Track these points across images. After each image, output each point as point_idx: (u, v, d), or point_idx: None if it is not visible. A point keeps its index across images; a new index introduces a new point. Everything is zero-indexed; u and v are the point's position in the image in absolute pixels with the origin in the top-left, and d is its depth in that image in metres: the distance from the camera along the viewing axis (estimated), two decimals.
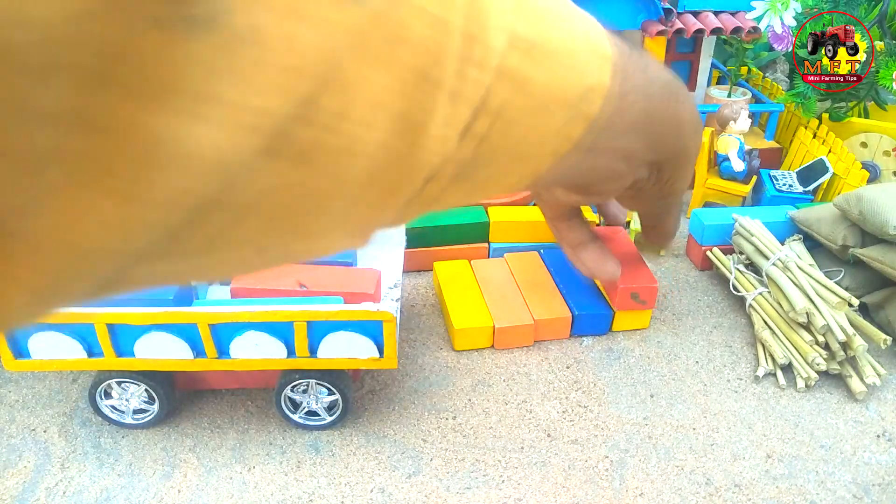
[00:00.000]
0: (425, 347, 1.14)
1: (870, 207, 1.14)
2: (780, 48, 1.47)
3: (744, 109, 1.49)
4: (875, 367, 1.06)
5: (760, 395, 1.06)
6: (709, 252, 1.33)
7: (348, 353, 0.89)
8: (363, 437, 0.98)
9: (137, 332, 0.86)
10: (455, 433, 0.99)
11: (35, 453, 0.95)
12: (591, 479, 0.92)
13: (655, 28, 1.51)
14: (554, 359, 1.13)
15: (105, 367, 0.90)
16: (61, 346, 0.86)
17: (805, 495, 0.91)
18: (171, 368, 0.90)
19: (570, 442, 0.98)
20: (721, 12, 1.55)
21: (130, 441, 0.97)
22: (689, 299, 1.28)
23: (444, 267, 1.25)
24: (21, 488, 0.90)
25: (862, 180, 1.37)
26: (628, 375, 1.10)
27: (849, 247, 1.19)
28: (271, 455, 0.95)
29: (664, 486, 0.91)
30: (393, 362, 0.90)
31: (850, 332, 1.04)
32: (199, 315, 0.85)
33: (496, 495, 0.90)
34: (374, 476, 0.92)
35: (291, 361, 0.89)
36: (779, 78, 1.98)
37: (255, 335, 0.86)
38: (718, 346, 1.17)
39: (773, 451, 0.97)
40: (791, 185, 1.46)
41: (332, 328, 0.87)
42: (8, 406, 1.03)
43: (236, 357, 0.88)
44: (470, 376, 1.09)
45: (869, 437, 1.00)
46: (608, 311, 1.15)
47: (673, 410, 1.03)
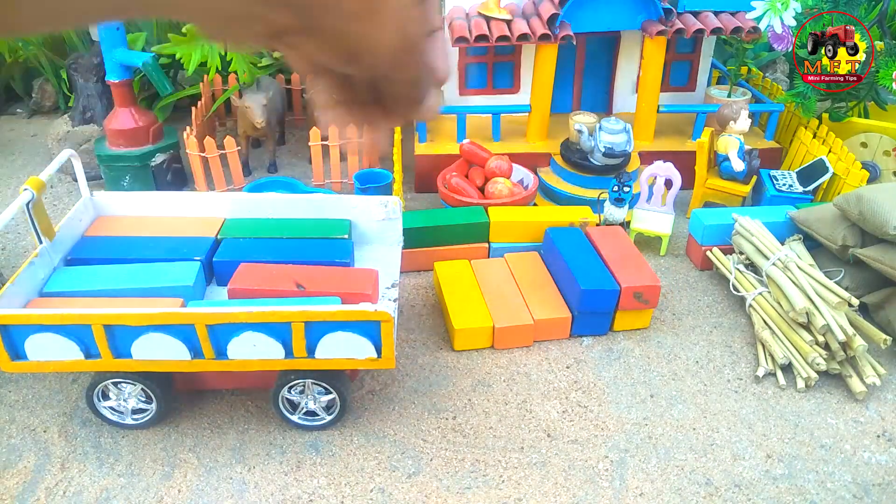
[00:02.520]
0: (425, 347, 1.14)
1: (870, 207, 1.14)
2: (780, 48, 1.47)
3: (744, 109, 1.49)
4: (875, 367, 1.06)
5: (760, 395, 1.06)
6: (709, 252, 1.33)
7: (346, 354, 0.89)
8: (363, 437, 0.98)
9: (135, 334, 0.86)
10: (455, 433, 0.99)
11: (35, 453, 0.95)
12: (591, 479, 0.92)
13: (655, 28, 1.51)
14: (554, 359, 1.13)
15: (102, 368, 0.90)
16: (58, 347, 0.86)
17: (805, 495, 0.91)
18: (169, 369, 0.90)
19: (570, 442, 0.98)
20: (721, 12, 1.55)
21: (130, 441, 0.97)
22: (689, 299, 1.28)
23: (444, 267, 1.25)
24: (21, 488, 0.90)
25: (862, 180, 1.37)
26: (628, 375, 1.10)
27: (849, 247, 1.19)
28: (271, 455, 0.95)
29: (664, 486, 0.91)
30: (391, 363, 0.89)
31: (850, 332, 1.04)
32: (197, 316, 0.85)
33: (496, 495, 0.90)
34: (374, 476, 0.92)
35: (289, 362, 0.89)
36: (779, 78, 1.98)
37: (252, 336, 0.86)
38: (718, 346, 1.17)
39: (773, 451, 0.97)
40: (791, 185, 1.46)
41: (329, 329, 0.87)
42: (8, 406, 1.03)
43: (234, 357, 0.88)
44: (470, 376, 1.09)
45: (869, 437, 1.00)
46: (612, 304, 1.15)
47: (673, 410, 1.03)
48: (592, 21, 1.53)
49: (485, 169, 1.45)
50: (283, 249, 1.02)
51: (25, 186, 0.92)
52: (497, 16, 1.53)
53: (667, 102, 1.66)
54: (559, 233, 1.26)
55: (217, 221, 1.08)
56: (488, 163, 1.45)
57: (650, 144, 1.64)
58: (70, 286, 0.94)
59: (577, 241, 1.24)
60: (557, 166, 1.54)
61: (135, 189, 1.53)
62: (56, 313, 0.84)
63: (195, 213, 1.10)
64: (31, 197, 0.92)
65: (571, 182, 1.51)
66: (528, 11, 1.56)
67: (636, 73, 1.71)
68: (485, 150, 1.47)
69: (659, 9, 1.50)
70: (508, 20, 1.53)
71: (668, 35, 1.51)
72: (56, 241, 0.99)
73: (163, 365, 0.89)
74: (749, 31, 1.51)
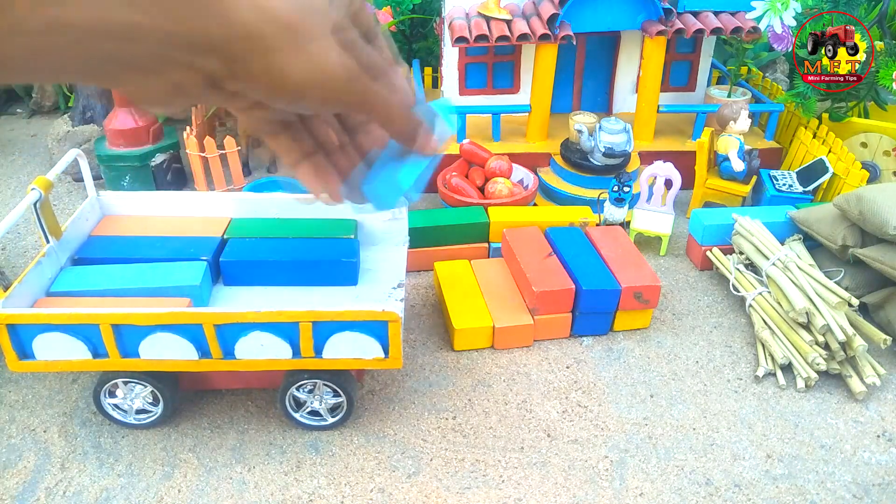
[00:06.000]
0: (425, 347, 1.14)
1: (870, 207, 1.14)
2: (780, 48, 1.47)
3: (744, 109, 1.49)
4: (875, 367, 1.06)
5: (760, 395, 1.06)
6: (709, 252, 1.33)
7: (353, 354, 0.89)
8: (363, 437, 0.98)
9: (142, 333, 0.86)
10: (455, 433, 0.99)
11: (35, 453, 0.95)
12: (591, 479, 0.92)
13: (655, 28, 1.51)
14: (554, 359, 1.13)
15: (109, 367, 0.90)
16: (66, 346, 0.86)
17: (805, 495, 0.91)
18: (176, 369, 0.90)
19: (570, 442, 0.98)
20: (721, 12, 1.55)
21: (130, 441, 0.97)
22: (689, 299, 1.28)
23: (444, 267, 1.25)
24: (21, 488, 0.90)
25: (862, 180, 1.37)
26: (628, 375, 1.10)
27: (849, 247, 1.19)
28: (271, 455, 0.95)
29: (664, 486, 0.91)
30: (398, 362, 0.90)
31: (850, 332, 1.04)
32: (205, 316, 0.85)
33: (496, 495, 0.90)
34: (374, 476, 0.92)
35: (296, 362, 0.89)
36: (779, 78, 1.98)
37: (260, 336, 0.87)
38: (718, 346, 1.17)
39: (773, 451, 0.97)
40: (791, 185, 1.46)
41: (337, 329, 0.87)
42: (8, 406, 1.03)
43: (241, 357, 0.88)
44: (470, 376, 1.09)
45: (869, 437, 1.00)
46: (613, 304, 1.15)
47: (673, 410, 1.03)
48: (592, 21, 1.53)
49: (485, 169, 1.45)
50: (290, 249, 1.02)
51: (33, 186, 0.92)
52: (497, 16, 1.53)
53: (667, 102, 1.66)
54: (559, 233, 1.26)
55: (223, 221, 1.08)
56: (488, 163, 1.45)
57: (650, 144, 1.64)
58: (77, 286, 0.94)
59: (577, 241, 1.24)
60: (557, 166, 1.54)
61: (135, 189, 1.54)
62: (64, 313, 0.84)
63: (201, 213, 1.10)
64: (39, 196, 0.92)
65: (571, 182, 1.51)
66: (528, 11, 1.56)
67: (636, 73, 1.71)
68: (485, 150, 1.47)
69: (659, 9, 1.50)
70: (508, 20, 1.53)
71: (668, 35, 1.51)
72: (63, 241, 0.99)
73: (170, 364, 0.89)
74: (749, 31, 1.51)
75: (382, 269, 1.03)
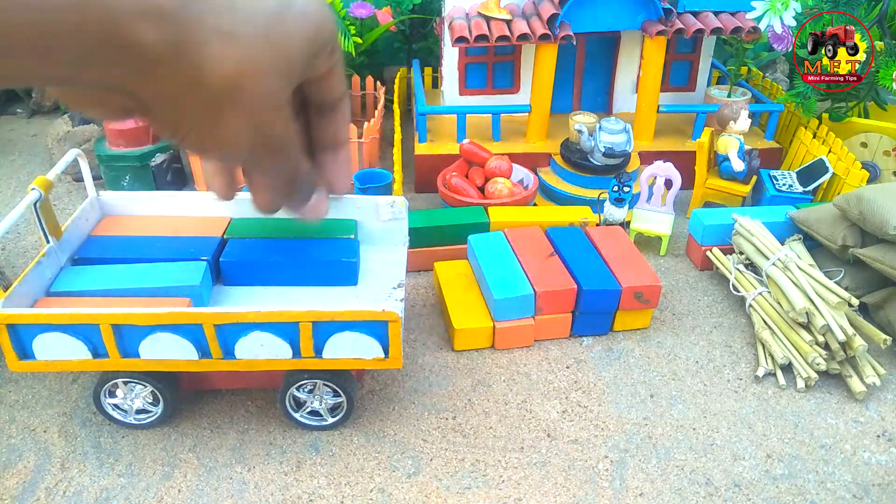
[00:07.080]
0: (425, 347, 1.14)
1: (870, 207, 1.14)
2: (780, 48, 1.47)
3: (744, 109, 1.49)
4: (875, 367, 1.06)
5: (760, 395, 1.06)
6: (709, 252, 1.33)
7: (353, 354, 0.89)
8: (363, 437, 0.98)
9: (143, 333, 0.86)
10: (455, 433, 0.99)
11: (35, 453, 0.95)
12: (591, 479, 0.92)
13: (655, 28, 1.51)
14: (554, 359, 1.13)
15: (110, 367, 0.90)
16: (66, 346, 0.86)
17: (805, 495, 0.91)
18: (176, 369, 0.90)
19: (570, 442, 0.98)
20: (721, 12, 1.55)
21: (130, 441, 0.97)
22: (689, 299, 1.28)
23: (444, 267, 1.25)
24: (21, 488, 0.90)
25: (862, 180, 1.37)
26: (628, 375, 1.10)
27: (849, 247, 1.19)
28: (271, 455, 0.95)
29: (664, 486, 0.91)
30: (398, 363, 0.90)
31: (850, 332, 1.04)
32: (205, 316, 0.85)
33: (496, 495, 0.90)
34: (374, 476, 0.92)
35: (296, 362, 0.89)
36: (779, 78, 1.98)
37: (260, 335, 0.87)
38: (718, 346, 1.17)
39: (773, 451, 0.97)
40: (791, 185, 1.46)
41: (337, 329, 0.87)
42: (8, 406, 1.03)
43: (241, 357, 0.88)
44: (470, 376, 1.09)
45: (869, 437, 1.00)
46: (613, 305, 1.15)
47: (673, 410, 1.03)
48: (592, 21, 1.53)
49: (485, 169, 1.45)
50: (290, 249, 1.02)
51: (33, 186, 0.92)
52: (497, 16, 1.53)
53: (667, 102, 1.66)
54: (559, 233, 1.26)
55: (223, 221, 1.08)
56: (488, 163, 1.45)
57: (650, 144, 1.64)
58: (77, 286, 0.94)
59: (577, 241, 1.24)
60: (557, 166, 1.54)
61: (135, 189, 1.54)
62: (64, 313, 0.84)
63: (201, 213, 1.10)
64: (39, 196, 0.92)
65: (571, 182, 1.51)
66: (528, 11, 1.56)
67: (636, 73, 1.71)
68: (485, 150, 1.47)
69: (659, 9, 1.50)
70: (508, 20, 1.53)
71: (668, 35, 1.51)
72: (63, 241, 0.99)
73: (171, 364, 0.89)
74: (749, 31, 1.51)
75: (382, 269, 1.03)
